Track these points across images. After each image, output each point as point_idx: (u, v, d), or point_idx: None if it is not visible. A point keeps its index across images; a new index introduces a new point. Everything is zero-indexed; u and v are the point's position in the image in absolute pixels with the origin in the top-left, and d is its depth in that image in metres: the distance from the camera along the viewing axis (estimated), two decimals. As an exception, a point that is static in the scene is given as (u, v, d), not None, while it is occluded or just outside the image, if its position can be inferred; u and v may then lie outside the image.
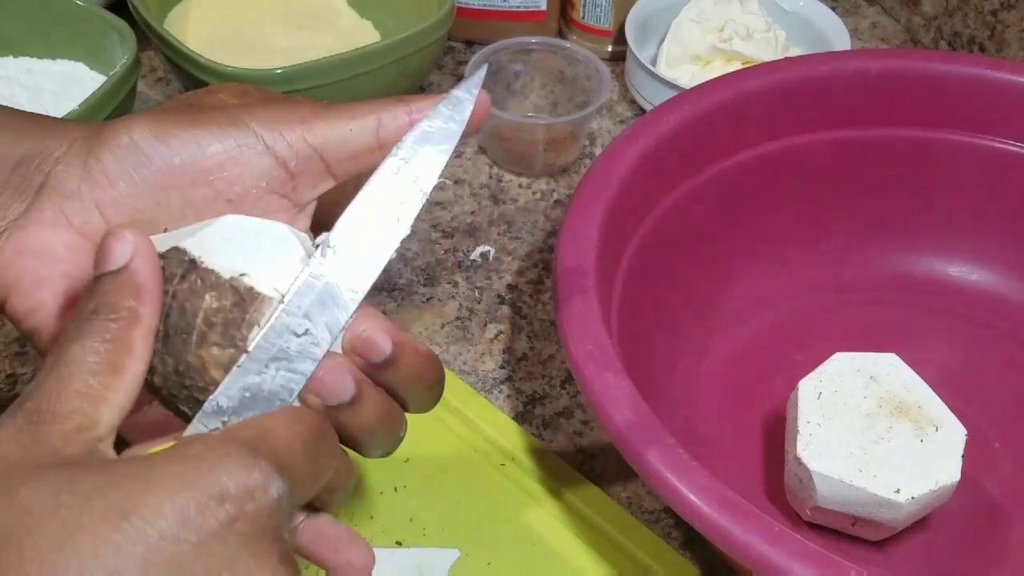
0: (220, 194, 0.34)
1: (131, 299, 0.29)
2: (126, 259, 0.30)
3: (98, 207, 0.34)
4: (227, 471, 0.25)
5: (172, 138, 0.34)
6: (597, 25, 0.78)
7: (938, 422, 0.47)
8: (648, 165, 0.51)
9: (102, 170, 0.34)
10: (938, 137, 0.58)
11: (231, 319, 0.31)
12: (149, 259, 0.30)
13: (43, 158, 0.34)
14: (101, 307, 0.29)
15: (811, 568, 0.35)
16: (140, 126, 0.34)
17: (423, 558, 0.46)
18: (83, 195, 0.34)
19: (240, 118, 0.34)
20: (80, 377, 0.27)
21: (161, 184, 0.34)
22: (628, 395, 0.41)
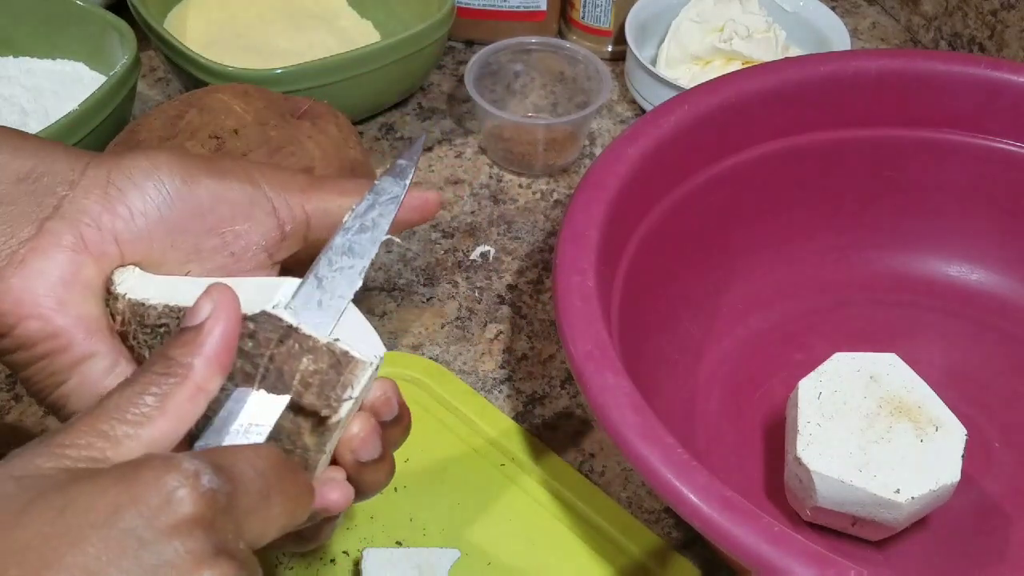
0: (227, 245, 0.36)
1: (190, 357, 0.30)
2: (204, 316, 0.30)
3: (116, 239, 0.34)
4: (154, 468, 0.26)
5: (198, 184, 0.35)
6: (597, 25, 0.78)
7: (938, 422, 0.47)
8: (648, 165, 0.51)
9: (124, 202, 0.34)
10: (938, 137, 0.58)
11: (327, 380, 0.32)
12: (225, 320, 0.31)
13: (52, 177, 0.34)
14: (160, 360, 0.30)
15: (811, 568, 0.35)
16: (167, 164, 0.35)
17: (423, 558, 0.46)
18: (103, 225, 0.34)
19: (255, 178, 0.37)
20: (108, 421, 0.28)
21: (179, 227, 0.35)
22: (628, 395, 0.41)
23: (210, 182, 0.35)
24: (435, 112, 0.74)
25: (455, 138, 0.72)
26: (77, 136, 0.59)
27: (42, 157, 0.34)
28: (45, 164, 0.34)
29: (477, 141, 0.72)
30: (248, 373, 0.32)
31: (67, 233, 0.34)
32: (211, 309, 0.30)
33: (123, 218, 0.34)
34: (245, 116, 0.53)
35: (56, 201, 0.34)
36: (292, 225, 0.37)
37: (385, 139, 0.72)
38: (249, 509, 0.28)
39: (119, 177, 0.34)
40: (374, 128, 0.73)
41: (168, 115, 0.54)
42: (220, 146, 0.51)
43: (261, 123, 0.53)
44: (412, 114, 0.74)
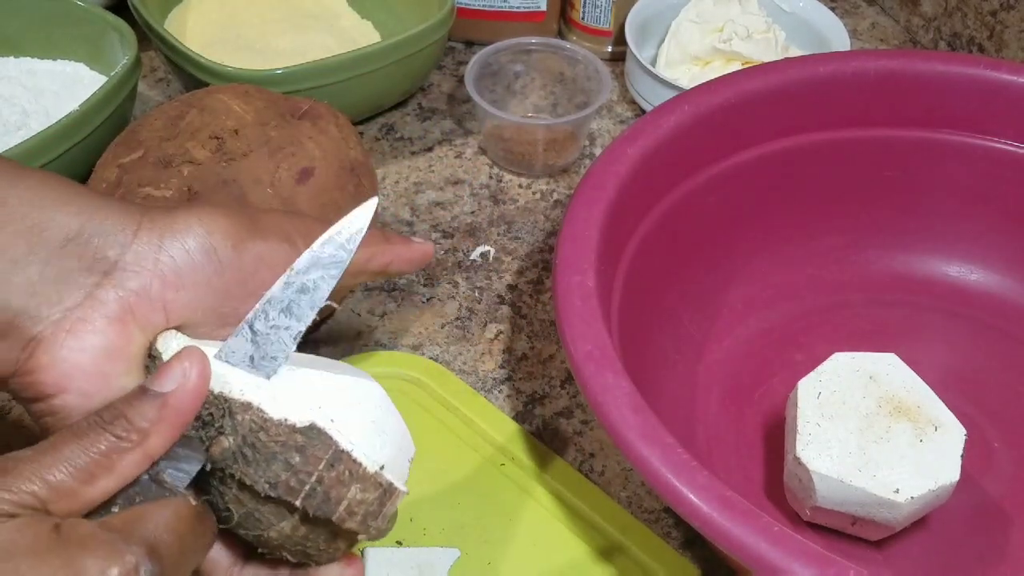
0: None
1: (148, 423, 0.30)
2: (170, 388, 0.30)
3: (164, 307, 0.34)
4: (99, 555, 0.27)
5: (246, 250, 0.34)
6: (597, 25, 0.78)
7: (937, 422, 0.47)
8: (648, 165, 0.51)
9: (176, 270, 0.33)
10: (937, 137, 0.58)
11: (371, 511, 0.33)
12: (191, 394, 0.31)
13: (103, 239, 0.33)
14: (118, 419, 0.30)
15: (810, 568, 0.35)
16: (220, 230, 0.34)
17: (423, 558, 0.46)
18: (152, 294, 0.33)
19: (292, 236, 0.36)
20: (57, 471, 0.28)
21: (225, 293, 0.34)
22: (628, 395, 0.41)
23: (254, 245, 0.35)
24: (435, 112, 0.74)
25: (455, 138, 0.72)
26: (78, 136, 0.59)
27: (91, 214, 0.33)
28: (94, 223, 0.33)
29: (477, 141, 0.72)
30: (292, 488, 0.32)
31: (114, 302, 0.33)
32: (181, 380, 0.30)
33: (173, 287, 0.33)
34: (245, 116, 0.53)
35: (106, 267, 0.33)
36: None
37: (385, 139, 0.72)
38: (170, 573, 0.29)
39: (172, 243, 0.33)
40: (374, 128, 0.73)
41: (169, 115, 0.54)
42: (220, 146, 0.52)
43: (261, 123, 0.53)
44: (412, 114, 0.74)
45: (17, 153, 0.57)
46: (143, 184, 0.51)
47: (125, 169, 0.52)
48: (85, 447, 0.29)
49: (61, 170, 0.59)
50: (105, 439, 0.29)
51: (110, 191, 0.52)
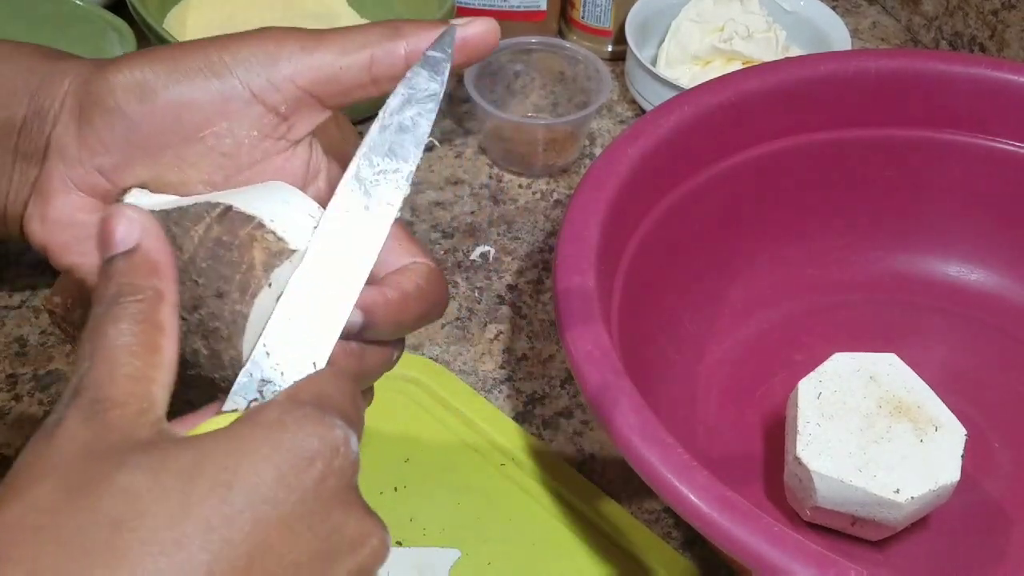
0: (212, 148, 0.34)
1: (151, 278, 0.29)
2: (135, 240, 0.29)
3: (100, 172, 0.34)
4: (312, 432, 0.26)
5: (156, 99, 0.33)
6: (597, 25, 0.78)
7: (937, 422, 0.47)
8: (648, 165, 0.51)
9: (95, 136, 0.33)
10: (938, 137, 0.58)
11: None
12: (158, 237, 0.30)
13: (42, 117, 0.34)
14: (124, 289, 0.29)
15: (811, 568, 0.35)
16: (122, 84, 0.33)
17: (423, 558, 0.46)
18: (83, 161, 0.33)
19: (221, 65, 0.33)
20: (126, 360, 0.27)
21: (153, 145, 0.33)
22: (628, 395, 0.41)
23: (169, 92, 0.33)
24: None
25: (455, 138, 0.72)
26: (77, 136, 0.59)
27: (36, 90, 0.34)
28: (37, 100, 0.34)
29: (477, 141, 0.72)
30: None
31: (55, 176, 0.34)
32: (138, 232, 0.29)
33: (98, 152, 0.33)
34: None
35: (44, 140, 0.34)
36: (287, 105, 0.34)
37: (385, 139, 0.72)
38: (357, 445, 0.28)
39: (86, 108, 0.33)
40: (374, 128, 0.72)
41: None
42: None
43: (261, 123, 0.53)
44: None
45: (17, 153, 0.56)
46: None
47: (125, 169, 0.52)
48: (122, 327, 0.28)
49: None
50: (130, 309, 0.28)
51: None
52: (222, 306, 0.31)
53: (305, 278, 0.31)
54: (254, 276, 0.31)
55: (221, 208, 0.31)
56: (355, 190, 0.32)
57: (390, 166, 0.32)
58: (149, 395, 0.27)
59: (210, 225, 0.31)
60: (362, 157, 0.32)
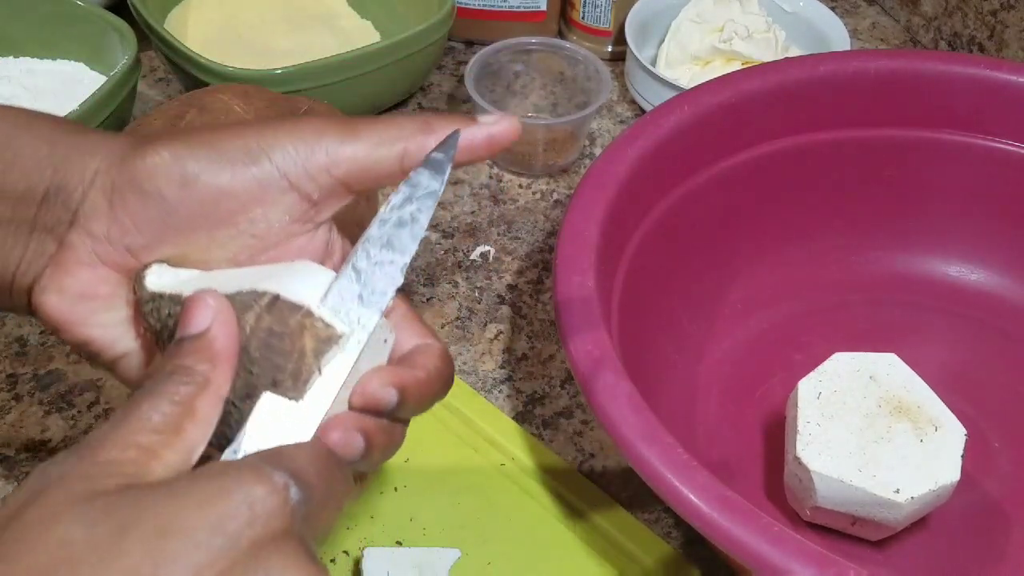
0: (244, 231, 0.35)
1: (206, 363, 0.30)
2: (206, 324, 0.31)
3: (128, 250, 0.34)
4: (249, 481, 0.27)
5: (197, 186, 0.34)
6: (597, 25, 0.78)
7: (937, 422, 0.47)
8: (648, 165, 0.51)
9: (129, 216, 0.34)
10: (938, 137, 0.58)
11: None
12: (228, 324, 0.31)
13: (68, 191, 0.34)
14: (177, 370, 0.30)
15: (811, 568, 0.35)
16: (164, 167, 0.34)
17: (423, 558, 0.46)
18: (112, 239, 0.34)
19: (260, 154, 0.34)
20: (144, 434, 0.28)
21: (187, 227, 0.34)
22: (628, 395, 0.41)
23: (209, 179, 0.34)
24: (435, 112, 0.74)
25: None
26: (77, 136, 0.59)
27: (60, 166, 0.34)
28: (62, 174, 0.34)
29: (477, 141, 0.72)
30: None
31: (82, 248, 0.34)
32: (211, 317, 0.31)
33: (129, 232, 0.34)
34: (245, 116, 0.53)
35: (70, 216, 0.34)
36: (320, 193, 0.35)
37: (385, 139, 0.72)
38: (316, 513, 0.28)
39: (120, 188, 0.34)
40: (374, 128, 0.72)
41: (169, 115, 0.54)
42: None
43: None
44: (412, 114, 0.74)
45: (17, 153, 0.57)
46: (143, 184, 0.51)
47: (125, 169, 0.52)
48: (157, 404, 0.29)
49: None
50: (173, 389, 0.29)
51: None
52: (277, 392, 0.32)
53: None
54: (306, 364, 0.32)
55: (269, 297, 0.32)
56: (352, 280, 0.33)
57: (387, 258, 0.33)
58: (145, 467, 0.28)
59: (260, 315, 0.32)
60: (361, 248, 0.33)
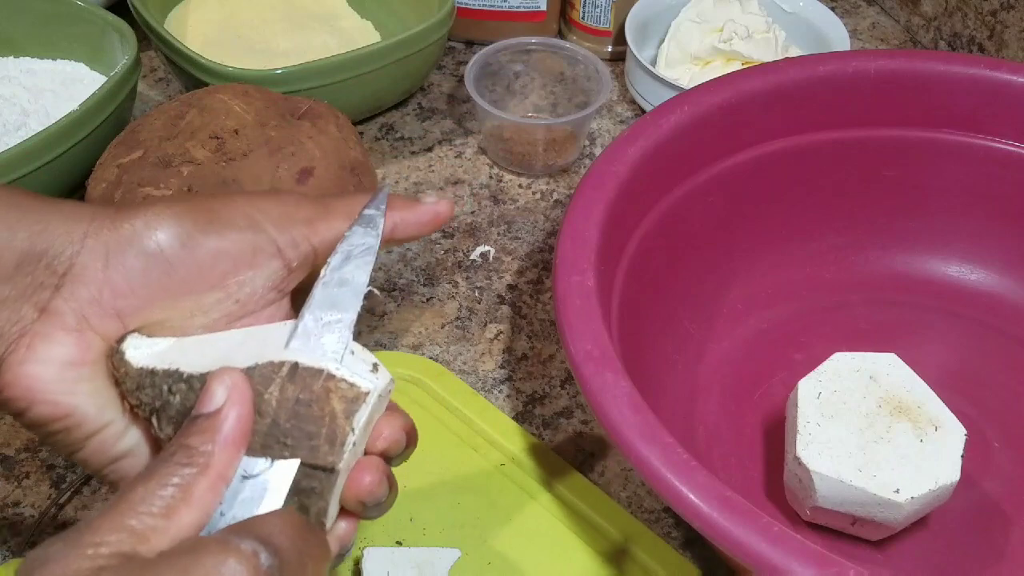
0: (230, 295, 0.35)
1: (210, 444, 0.30)
2: (220, 402, 0.31)
3: (118, 314, 0.34)
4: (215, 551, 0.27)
5: (198, 246, 0.34)
6: (597, 25, 0.78)
7: (937, 422, 0.47)
8: (648, 165, 0.51)
9: (125, 276, 0.34)
10: (937, 137, 0.58)
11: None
12: (241, 404, 0.31)
13: (51, 255, 0.33)
14: (179, 450, 0.30)
15: (811, 568, 0.35)
16: (165, 228, 0.34)
17: (423, 558, 0.46)
18: (104, 302, 0.34)
19: (257, 221, 0.36)
20: (135, 517, 0.28)
21: (181, 289, 0.35)
22: (628, 395, 0.41)
23: (210, 240, 0.35)
24: (435, 112, 0.74)
25: (455, 138, 0.72)
26: (77, 136, 0.59)
27: (39, 231, 0.33)
28: (43, 239, 0.33)
29: (477, 141, 0.72)
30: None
31: (69, 314, 0.33)
32: (225, 395, 0.31)
33: (123, 295, 0.34)
34: (245, 116, 0.53)
35: (56, 280, 0.33)
36: (299, 261, 0.37)
37: (385, 139, 0.72)
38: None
39: (117, 249, 0.34)
40: (374, 128, 0.73)
41: (168, 115, 0.54)
42: (220, 146, 0.52)
43: (261, 123, 0.53)
44: (412, 114, 0.74)
45: (16, 153, 0.57)
46: (143, 184, 0.51)
47: (125, 169, 0.52)
48: (155, 485, 0.29)
49: (61, 170, 0.60)
50: (172, 471, 0.29)
51: (110, 191, 0.52)
52: (315, 463, 0.32)
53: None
54: (339, 426, 0.32)
55: (288, 366, 0.33)
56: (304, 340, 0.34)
57: (333, 317, 0.35)
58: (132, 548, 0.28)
59: (283, 386, 0.33)
60: (308, 313, 0.35)
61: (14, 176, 0.57)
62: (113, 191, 0.52)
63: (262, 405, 0.32)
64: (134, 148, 0.53)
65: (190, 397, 0.33)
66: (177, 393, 0.34)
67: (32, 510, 0.50)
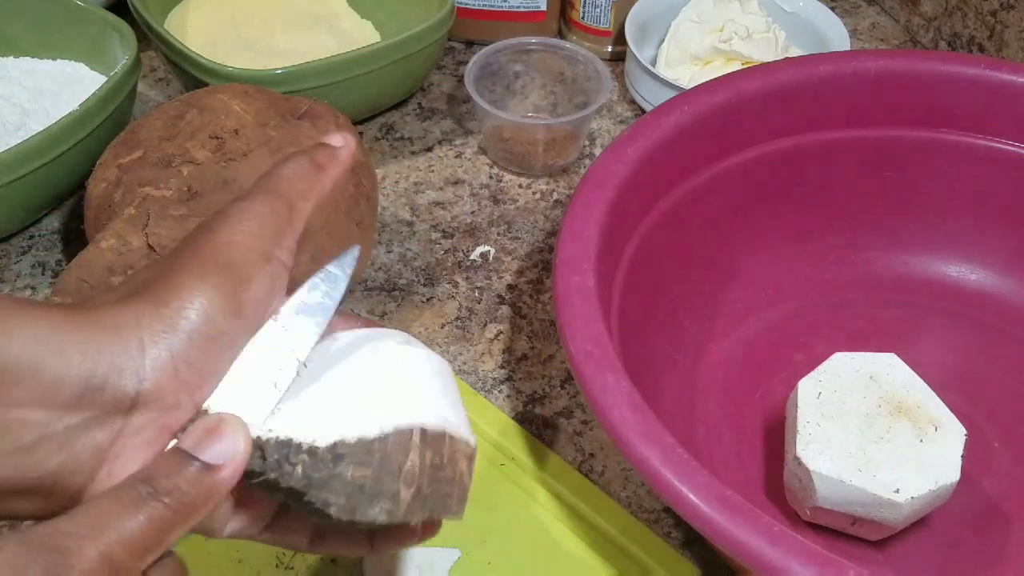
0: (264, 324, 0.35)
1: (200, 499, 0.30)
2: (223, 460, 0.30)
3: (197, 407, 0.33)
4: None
5: (245, 308, 0.33)
6: (597, 25, 0.78)
7: (937, 422, 0.47)
8: (648, 165, 0.51)
9: (196, 372, 0.32)
10: (937, 137, 0.58)
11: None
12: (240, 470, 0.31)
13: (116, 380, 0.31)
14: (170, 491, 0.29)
15: (811, 568, 0.35)
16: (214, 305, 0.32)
17: (423, 558, 0.46)
18: (183, 404, 0.32)
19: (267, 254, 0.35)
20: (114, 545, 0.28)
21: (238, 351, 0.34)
22: (628, 395, 0.41)
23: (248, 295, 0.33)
24: (435, 112, 0.74)
25: (455, 138, 0.72)
26: (77, 136, 0.59)
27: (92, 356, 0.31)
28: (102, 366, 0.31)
29: (477, 141, 0.72)
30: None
31: (149, 428, 0.32)
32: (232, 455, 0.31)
33: (199, 386, 0.32)
34: (245, 116, 0.53)
35: (129, 403, 0.31)
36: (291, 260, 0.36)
37: (385, 139, 0.72)
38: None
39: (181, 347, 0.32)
40: (374, 128, 0.73)
41: (168, 115, 0.54)
42: (220, 146, 0.52)
43: (261, 123, 0.53)
44: (412, 114, 0.74)
45: (16, 153, 0.57)
46: (143, 184, 0.51)
47: (125, 169, 0.52)
48: (138, 518, 0.28)
49: (60, 170, 0.60)
50: (157, 511, 0.29)
51: (110, 191, 0.52)
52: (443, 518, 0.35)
53: None
54: (463, 484, 0.34)
55: (418, 432, 0.33)
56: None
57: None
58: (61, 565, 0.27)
59: (422, 452, 0.33)
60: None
61: (14, 176, 0.57)
62: (113, 191, 0.52)
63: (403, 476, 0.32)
64: (134, 148, 0.53)
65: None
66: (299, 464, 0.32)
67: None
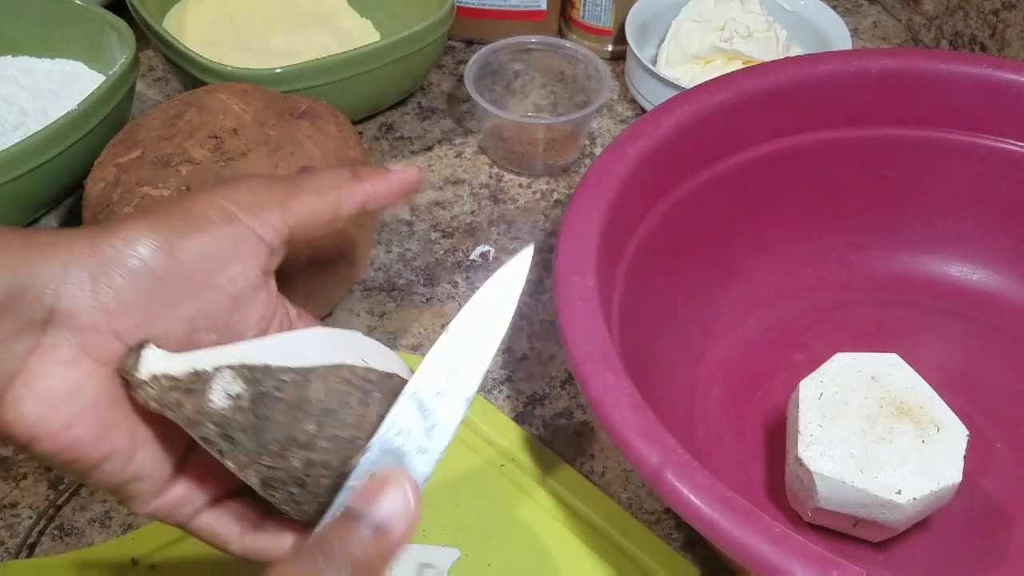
0: (225, 292, 0.35)
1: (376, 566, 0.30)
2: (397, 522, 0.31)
3: (116, 335, 0.33)
4: None
5: (180, 251, 0.34)
6: (597, 25, 0.78)
7: (939, 423, 0.47)
8: (648, 165, 0.51)
9: (115, 298, 0.33)
10: (938, 137, 0.58)
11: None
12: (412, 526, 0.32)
13: (35, 289, 0.32)
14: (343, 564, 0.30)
15: (812, 569, 0.35)
16: (145, 241, 0.33)
17: (423, 558, 0.46)
18: (99, 327, 0.33)
19: (232, 213, 0.36)
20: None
21: (175, 298, 0.34)
22: (628, 395, 0.40)
23: (191, 242, 0.34)
24: (435, 112, 0.74)
25: (455, 138, 0.72)
26: (75, 136, 0.59)
27: (16, 267, 0.32)
28: (23, 274, 0.32)
29: (477, 141, 0.72)
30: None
31: (63, 346, 0.32)
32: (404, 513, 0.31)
33: (119, 315, 0.33)
34: (244, 116, 0.53)
35: (44, 314, 0.32)
36: (277, 241, 0.37)
37: (385, 139, 0.72)
38: None
39: (102, 272, 0.33)
40: (374, 128, 0.72)
41: (167, 115, 0.54)
42: (219, 146, 0.51)
43: (260, 123, 0.53)
44: (412, 114, 0.74)
45: (15, 153, 0.56)
46: (141, 184, 0.51)
47: (123, 169, 0.52)
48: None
49: (59, 170, 0.60)
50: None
51: (108, 191, 0.52)
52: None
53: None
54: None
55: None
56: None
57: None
58: None
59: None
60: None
61: (12, 176, 0.57)
62: (111, 191, 0.51)
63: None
64: (132, 147, 0.53)
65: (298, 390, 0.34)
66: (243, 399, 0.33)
67: (30, 511, 0.50)
